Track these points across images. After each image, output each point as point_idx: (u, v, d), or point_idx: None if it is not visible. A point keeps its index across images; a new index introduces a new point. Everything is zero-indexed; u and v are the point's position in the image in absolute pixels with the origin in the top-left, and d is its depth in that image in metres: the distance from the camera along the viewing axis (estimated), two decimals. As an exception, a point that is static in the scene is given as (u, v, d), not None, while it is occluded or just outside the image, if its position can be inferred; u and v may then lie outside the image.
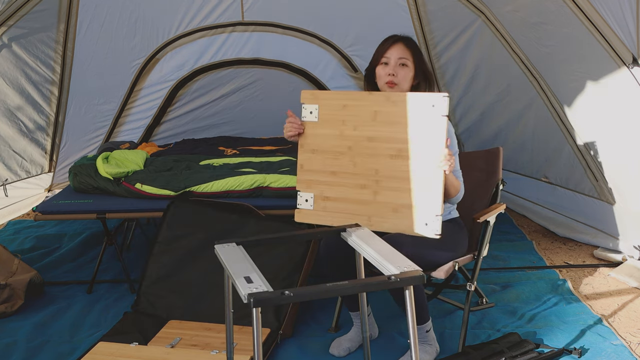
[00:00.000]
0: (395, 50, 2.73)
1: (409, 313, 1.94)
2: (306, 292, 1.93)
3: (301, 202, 2.70)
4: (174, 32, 5.15)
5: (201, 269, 3.28)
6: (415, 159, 2.51)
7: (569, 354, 2.77)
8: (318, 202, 2.67)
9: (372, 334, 2.99)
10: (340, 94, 2.77)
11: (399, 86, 2.71)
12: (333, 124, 2.66)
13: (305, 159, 2.70)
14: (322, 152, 2.68)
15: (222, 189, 3.67)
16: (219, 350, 2.81)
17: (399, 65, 2.71)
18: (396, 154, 2.54)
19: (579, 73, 3.79)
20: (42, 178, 5.25)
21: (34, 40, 4.61)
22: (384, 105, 2.58)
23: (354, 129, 2.62)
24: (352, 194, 2.61)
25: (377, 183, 2.57)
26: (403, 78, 2.71)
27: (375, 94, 2.65)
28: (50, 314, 3.33)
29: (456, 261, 2.76)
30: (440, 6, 4.72)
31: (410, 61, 2.72)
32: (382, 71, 2.74)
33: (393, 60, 2.72)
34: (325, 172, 2.67)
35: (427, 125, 2.48)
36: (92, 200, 3.73)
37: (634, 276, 3.57)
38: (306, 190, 2.69)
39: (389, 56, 2.72)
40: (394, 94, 2.60)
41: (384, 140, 2.57)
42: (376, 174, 2.58)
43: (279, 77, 5.45)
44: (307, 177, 2.70)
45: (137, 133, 5.49)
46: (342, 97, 2.70)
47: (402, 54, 2.72)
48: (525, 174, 4.76)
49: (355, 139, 2.62)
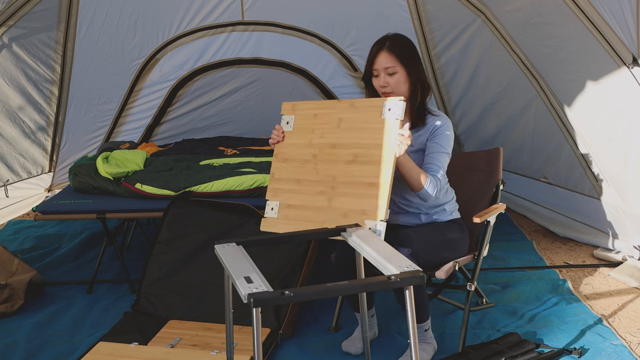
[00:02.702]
0: (380, 59, 2.71)
1: (409, 313, 1.94)
2: (306, 292, 1.93)
3: (267, 211, 2.71)
4: (174, 32, 5.16)
5: (201, 269, 3.28)
6: (367, 164, 2.52)
7: (569, 354, 2.77)
8: (282, 210, 2.67)
9: (375, 333, 3.00)
10: (314, 104, 2.78)
11: (395, 93, 2.71)
12: (304, 133, 2.70)
13: (276, 168, 2.74)
14: (291, 161, 2.71)
15: (222, 189, 3.67)
16: (219, 350, 2.81)
17: (387, 75, 2.70)
18: (352, 160, 2.56)
19: (578, 73, 3.79)
20: (42, 178, 5.25)
21: (34, 41, 4.61)
22: (347, 112, 2.62)
23: (321, 136, 2.66)
24: (311, 201, 2.62)
25: (333, 189, 2.58)
26: (395, 85, 2.70)
27: (342, 101, 2.68)
28: (50, 314, 3.33)
29: (456, 261, 2.77)
30: (440, 6, 4.72)
31: (398, 67, 2.69)
32: (376, 83, 2.75)
33: (381, 71, 2.71)
34: (291, 180, 2.69)
35: (381, 129, 2.50)
36: (92, 200, 3.73)
37: (634, 276, 3.57)
38: (273, 198, 2.72)
39: (377, 67, 2.72)
40: (357, 100, 2.62)
41: (344, 146, 2.60)
42: (333, 180, 2.59)
43: (279, 77, 5.45)
44: (275, 186, 2.72)
45: (137, 133, 5.49)
46: (315, 106, 2.74)
47: (388, 63, 2.69)
48: (524, 174, 4.76)
49: (320, 146, 2.65)
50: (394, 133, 2.46)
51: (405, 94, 2.73)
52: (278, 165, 2.73)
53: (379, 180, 2.47)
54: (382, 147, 2.49)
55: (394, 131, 2.46)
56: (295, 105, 2.77)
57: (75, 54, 4.90)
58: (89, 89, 5.14)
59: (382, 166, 2.47)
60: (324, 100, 2.77)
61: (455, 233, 2.81)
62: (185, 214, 3.47)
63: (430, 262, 2.68)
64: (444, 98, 5.19)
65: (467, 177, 3.03)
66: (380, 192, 2.46)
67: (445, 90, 5.15)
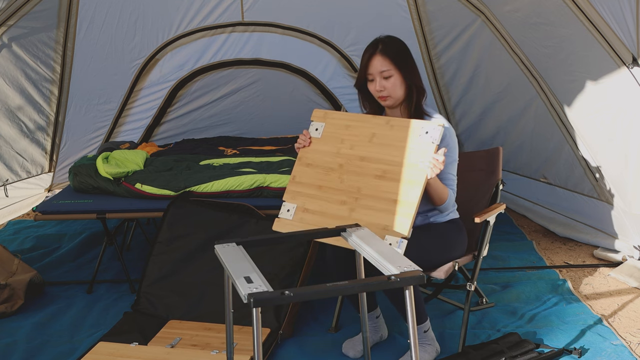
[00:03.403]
0: (375, 64, 2.70)
1: (409, 313, 1.94)
2: (306, 292, 1.93)
3: (283, 212, 2.72)
4: (174, 32, 5.16)
5: (201, 269, 3.28)
6: (397, 182, 2.54)
7: (569, 354, 2.77)
8: (298, 213, 2.69)
9: (383, 334, 2.99)
10: (347, 115, 2.82)
11: (392, 97, 2.71)
12: (333, 142, 2.73)
13: (298, 172, 2.76)
14: (315, 167, 2.73)
15: (222, 189, 3.67)
16: (219, 350, 2.81)
17: (383, 79, 2.70)
18: (381, 175, 2.58)
19: (578, 73, 3.79)
20: (42, 178, 5.25)
21: (34, 40, 4.61)
22: (382, 129, 2.64)
23: (351, 148, 2.68)
24: (331, 209, 2.63)
25: (356, 200, 2.59)
26: (392, 88, 2.70)
27: (378, 117, 2.70)
28: (50, 314, 3.33)
29: (456, 261, 2.77)
30: (440, 6, 4.72)
31: (393, 69, 2.68)
32: (372, 88, 2.74)
33: (377, 75, 2.70)
34: (312, 185, 2.70)
35: (416, 150, 2.53)
36: (92, 200, 3.73)
37: (634, 276, 3.57)
38: (291, 201, 2.73)
39: (372, 72, 2.71)
40: (394, 119, 2.64)
41: (373, 160, 2.62)
42: (358, 192, 2.60)
43: (279, 78, 5.45)
44: (295, 189, 2.74)
45: (137, 133, 5.49)
46: (348, 118, 2.77)
47: (382, 66, 2.68)
48: (524, 174, 4.76)
49: (348, 157, 2.67)
50: (429, 156, 2.48)
51: (402, 98, 2.73)
52: (300, 169, 2.75)
53: (407, 199, 2.49)
54: (413, 167, 2.52)
55: (429, 154, 2.49)
56: (328, 114, 2.80)
57: (75, 53, 4.90)
58: (88, 89, 5.14)
59: (411, 186, 2.50)
60: (358, 114, 2.80)
61: (452, 234, 2.81)
62: (186, 214, 3.47)
63: (426, 265, 2.67)
64: (444, 98, 5.19)
65: (466, 177, 3.03)
66: (406, 210, 2.47)
67: (445, 90, 5.15)
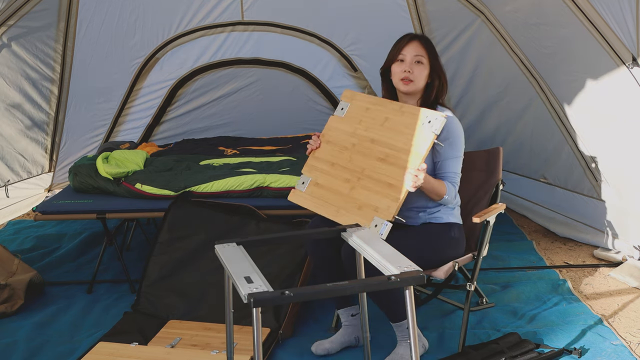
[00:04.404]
0: (411, 47, 2.79)
1: (409, 313, 1.94)
2: (306, 292, 1.93)
3: (298, 184, 2.91)
4: (174, 32, 5.15)
5: (201, 269, 3.28)
6: (394, 166, 2.65)
7: (569, 354, 2.77)
8: (310, 186, 2.86)
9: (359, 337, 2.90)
10: (371, 98, 2.92)
11: (415, 83, 2.77)
12: (352, 122, 2.86)
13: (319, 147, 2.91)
14: (333, 144, 2.88)
15: (222, 189, 3.67)
16: (219, 350, 2.81)
17: (414, 63, 2.77)
18: (383, 158, 2.70)
19: (578, 73, 3.79)
20: (42, 178, 5.24)
21: (34, 40, 4.61)
22: (394, 114, 2.75)
23: (365, 129, 2.81)
24: (335, 185, 2.78)
25: (358, 180, 2.73)
26: (419, 75, 2.78)
27: (394, 103, 2.80)
28: (50, 314, 3.33)
29: (456, 261, 2.77)
30: (440, 6, 4.71)
31: (425, 59, 2.79)
32: (397, 68, 2.80)
33: (409, 57, 2.78)
34: (327, 161, 2.86)
35: (416, 138, 2.62)
36: (92, 200, 3.73)
37: (634, 276, 3.57)
38: (307, 173, 2.90)
39: (405, 53, 2.79)
40: (406, 106, 2.73)
41: (381, 143, 2.74)
42: (361, 172, 2.74)
43: (279, 77, 5.45)
44: (313, 163, 2.90)
45: (137, 132, 5.49)
46: (370, 100, 2.90)
47: (418, 52, 2.78)
48: (524, 174, 4.76)
49: (361, 138, 2.80)
50: (425, 147, 2.56)
51: (421, 89, 2.81)
52: (322, 145, 2.90)
53: (397, 184, 2.59)
54: (408, 153, 2.62)
55: (427, 143, 2.57)
56: (355, 95, 2.94)
57: (75, 53, 4.90)
58: (88, 88, 5.13)
59: (404, 171, 2.61)
60: (378, 97, 2.94)
61: (451, 236, 2.80)
62: (187, 214, 3.47)
63: (425, 265, 2.67)
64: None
65: (466, 177, 3.03)
66: (395, 194, 2.59)
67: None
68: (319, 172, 2.85)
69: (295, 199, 2.88)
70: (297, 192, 2.88)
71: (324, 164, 2.86)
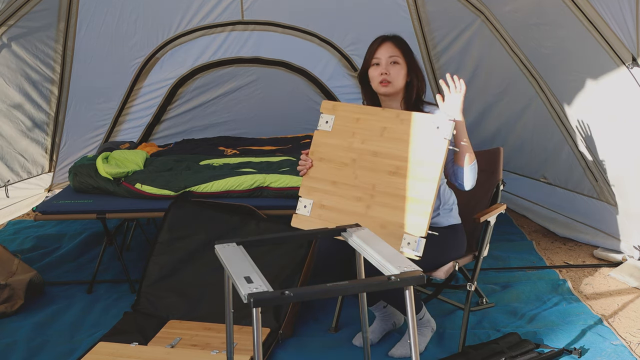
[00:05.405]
0: (384, 49, 2.74)
1: (409, 313, 1.94)
2: (306, 292, 1.93)
3: (300, 208, 2.73)
4: (174, 31, 5.16)
5: (202, 269, 3.28)
6: (411, 179, 2.52)
7: (569, 354, 2.77)
8: (315, 209, 2.69)
9: (396, 322, 3.03)
10: (356, 107, 2.78)
11: (393, 84, 2.72)
12: (344, 135, 2.70)
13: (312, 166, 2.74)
14: (328, 161, 2.72)
15: (222, 189, 3.67)
16: (219, 350, 2.81)
17: (390, 64, 2.72)
18: (394, 171, 2.56)
19: (578, 73, 3.79)
20: (42, 178, 5.24)
21: (34, 40, 4.61)
22: (392, 122, 2.61)
23: (362, 142, 2.66)
24: (347, 206, 2.62)
25: (371, 197, 2.58)
26: (396, 75, 2.72)
27: (388, 111, 2.67)
28: (50, 314, 3.33)
29: (456, 261, 2.77)
30: (440, 6, 4.72)
31: (401, 58, 2.73)
32: (374, 72, 2.74)
33: (384, 59, 2.73)
34: (327, 180, 2.69)
35: (428, 147, 2.50)
36: (92, 200, 3.73)
37: (634, 276, 3.57)
38: (307, 196, 2.72)
39: (379, 56, 2.74)
40: (403, 113, 2.62)
41: (386, 156, 2.59)
42: (373, 189, 2.59)
43: (279, 77, 5.45)
44: (309, 184, 2.73)
45: (137, 132, 5.49)
46: (357, 110, 2.73)
47: (392, 52, 2.73)
48: (524, 174, 4.76)
49: (360, 152, 2.65)
50: (441, 153, 2.46)
51: (401, 89, 2.75)
52: (314, 164, 2.74)
53: (422, 197, 2.46)
54: (426, 164, 2.49)
55: (441, 151, 2.46)
56: (336, 106, 2.78)
57: (75, 53, 4.90)
58: (88, 88, 5.14)
59: (425, 184, 2.47)
60: (365, 106, 2.78)
61: (451, 238, 2.79)
62: (187, 214, 3.47)
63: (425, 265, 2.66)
64: (444, 98, 5.19)
65: (467, 177, 3.02)
66: (422, 208, 2.46)
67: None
68: (320, 193, 2.69)
69: (300, 225, 2.70)
70: (301, 217, 2.70)
71: (324, 183, 2.69)
